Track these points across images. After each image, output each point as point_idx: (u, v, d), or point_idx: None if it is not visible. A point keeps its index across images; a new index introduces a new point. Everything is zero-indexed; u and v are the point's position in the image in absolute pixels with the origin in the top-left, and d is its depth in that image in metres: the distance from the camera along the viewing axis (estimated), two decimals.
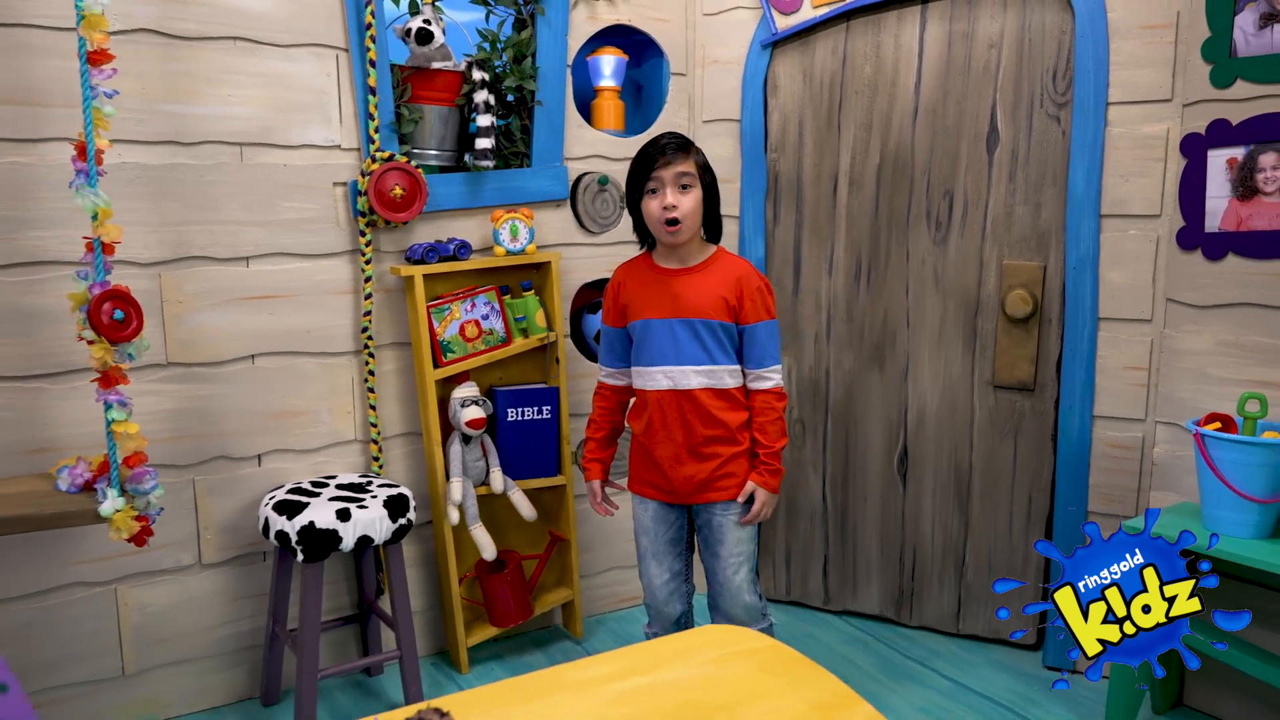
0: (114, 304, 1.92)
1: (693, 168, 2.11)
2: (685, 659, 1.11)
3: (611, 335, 2.29)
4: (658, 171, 2.08)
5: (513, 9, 2.68)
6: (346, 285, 2.51)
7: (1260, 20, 2.17)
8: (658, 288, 2.17)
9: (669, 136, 2.14)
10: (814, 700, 1.02)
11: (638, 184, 2.14)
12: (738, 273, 2.15)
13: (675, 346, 2.13)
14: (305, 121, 2.40)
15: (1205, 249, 2.31)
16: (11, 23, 2.06)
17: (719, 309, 2.13)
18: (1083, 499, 2.57)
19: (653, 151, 2.10)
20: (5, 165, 2.09)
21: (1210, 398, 2.31)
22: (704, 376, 2.14)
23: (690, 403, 2.14)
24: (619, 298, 2.25)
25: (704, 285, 2.14)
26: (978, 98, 2.62)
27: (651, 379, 2.18)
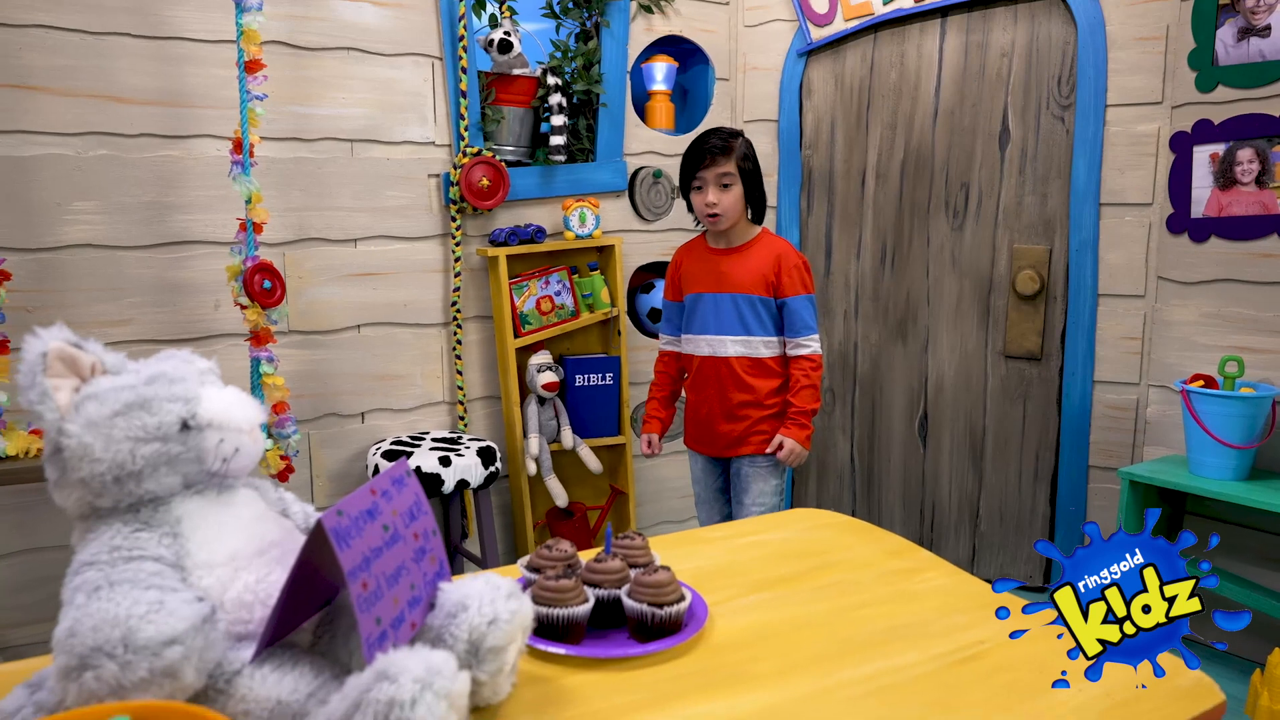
0: (263, 275, 2.27)
1: (733, 167, 2.30)
2: (782, 527, 1.45)
3: (671, 308, 2.52)
4: (702, 172, 2.30)
5: (578, 22, 3.02)
6: (438, 265, 2.86)
7: (1238, 34, 2.51)
8: (707, 265, 2.40)
9: (715, 137, 2.32)
10: (885, 548, 1.36)
11: (686, 179, 2.37)
12: (777, 251, 2.36)
13: (717, 318, 2.36)
14: (405, 121, 2.75)
15: (1191, 233, 2.66)
16: (167, 36, 2.40)
17: (758, 284, 2.33)
18: (1084, 455, 2.92)
19: (698, 154, 2.31)
20: (159, 158, 2.44)
21: (1195, 362, 2.65)
22: (740, 345, 2.35)
23: (726, 368, 2.36)
24: (677, 274, 2.49)
25: (746, 263, 2.35)
26: (991, 101, 2.96)
27: (695, 345, 2.42)
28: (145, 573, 0.75)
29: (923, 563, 1.30)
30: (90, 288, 2.38)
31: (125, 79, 2.37)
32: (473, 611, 0.83)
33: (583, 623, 1.01)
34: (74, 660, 0.69)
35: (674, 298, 2.52)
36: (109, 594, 0.72)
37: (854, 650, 1.04)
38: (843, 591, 1.20)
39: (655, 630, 1.02)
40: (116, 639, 0.69)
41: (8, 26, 2.22)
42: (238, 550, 0.84)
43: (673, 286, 2.51)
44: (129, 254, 2.42)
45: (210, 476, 0.85)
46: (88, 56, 2.32)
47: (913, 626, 1.10)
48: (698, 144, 2.33)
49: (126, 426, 0.79)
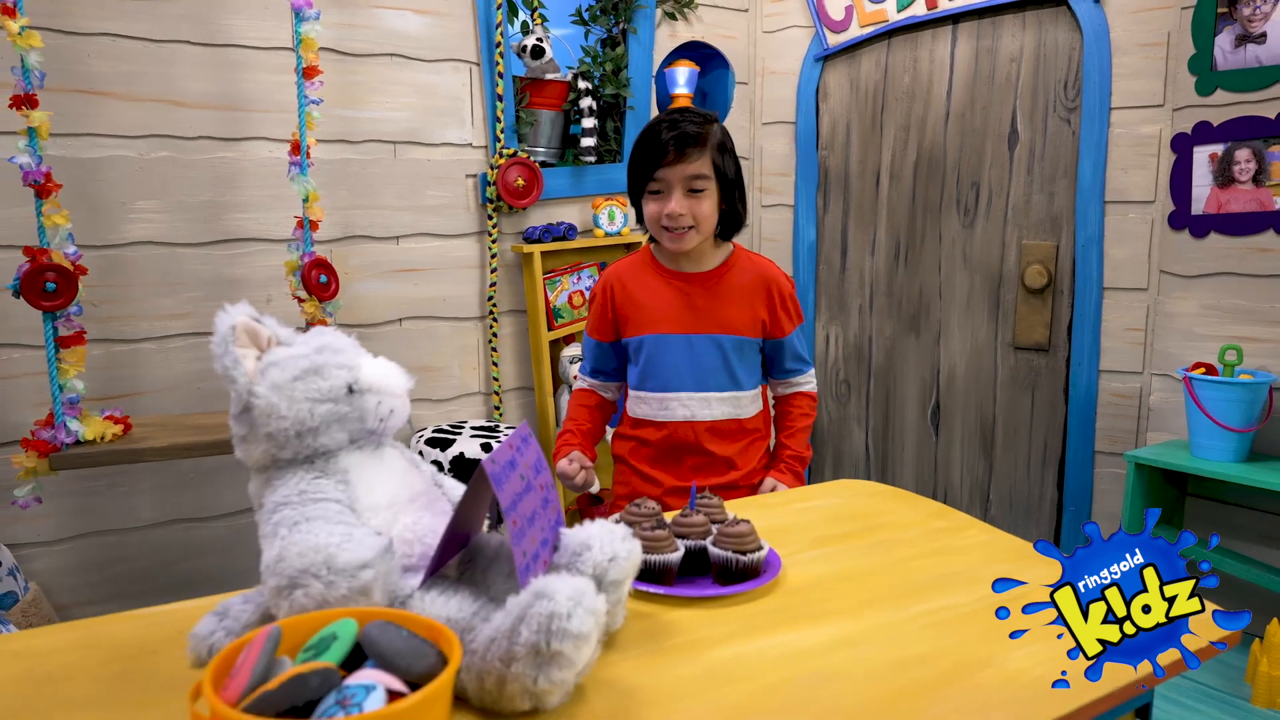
0: (319, 270, 2.40)
1: (707, 165, 1.68)
2: (830, 495, 1.59)
3: (600, 352, 1.87)
4: (662, 172, 1.67)
5: (605, 29, 3.16)
6: (474, 261, 2.99)
7: (1235, 40, 2.66)
8: (669, 294, 1.77)
9: (679, 123, 1.67)
10: (926, 511, 1.50)
11: (638, 179, 1.72)
12: (766, 277, 1.80)
13: (694, 368, 1.76)
14: (444, 124, 2.88)
15: (1192, 229, 2.80)
16: (224, 43, 2.53)
17: (748, 323, 1.77)
18: (1090, 441, 3.06)
19: (657, 146, 1.67)
20: (216, 159, 2.56)
21: (1196, 351, 2.80)
22: (728, 405, 1.78)
23: (712, 440, 1.78)
24: (613, 304, 1.82)
25: (729, 293, 1.77)
26: (1000, 104, 3.11)
27: (665, 408, 1.77)
28: (332, 511, 0.88)
29: (962, 523, 1.44)
30: (152, 282, 2.51)
31: (185, 84, 2.49)
32: (596, 550, 0.96)
33: (674, 568, 1.15)
34: (284, 581, 0.82)
35: (606, 335, 1.85)
36: (307, 527, 0.85)
37: (911, 592, 1.17)
38: (893, 546, 1.34)
39: (738, 574, 1.15)
40: (320, 562, 0.82)
41: (78, 35, 2.35)
42: (394, 497, 0.97)
43: (603, 320, 1.84)
44: (187, 250, 2.55)
45: (369, 434, 0.98)
46: (151, 63, 2.45)
47: (960, 573, 1.24)
48: (654, 132, 1.68)
49: (305, 389, 0.92)
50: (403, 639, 0.70)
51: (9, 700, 0.85)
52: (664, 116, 1.70)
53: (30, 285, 2.08)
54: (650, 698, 0.90)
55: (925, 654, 1.01)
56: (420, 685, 0.69)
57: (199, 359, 2.59)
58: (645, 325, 1.78)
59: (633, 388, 1.84)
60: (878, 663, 0.99)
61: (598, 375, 1.91)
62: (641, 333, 1.79)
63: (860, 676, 0.96)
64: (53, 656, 0.94)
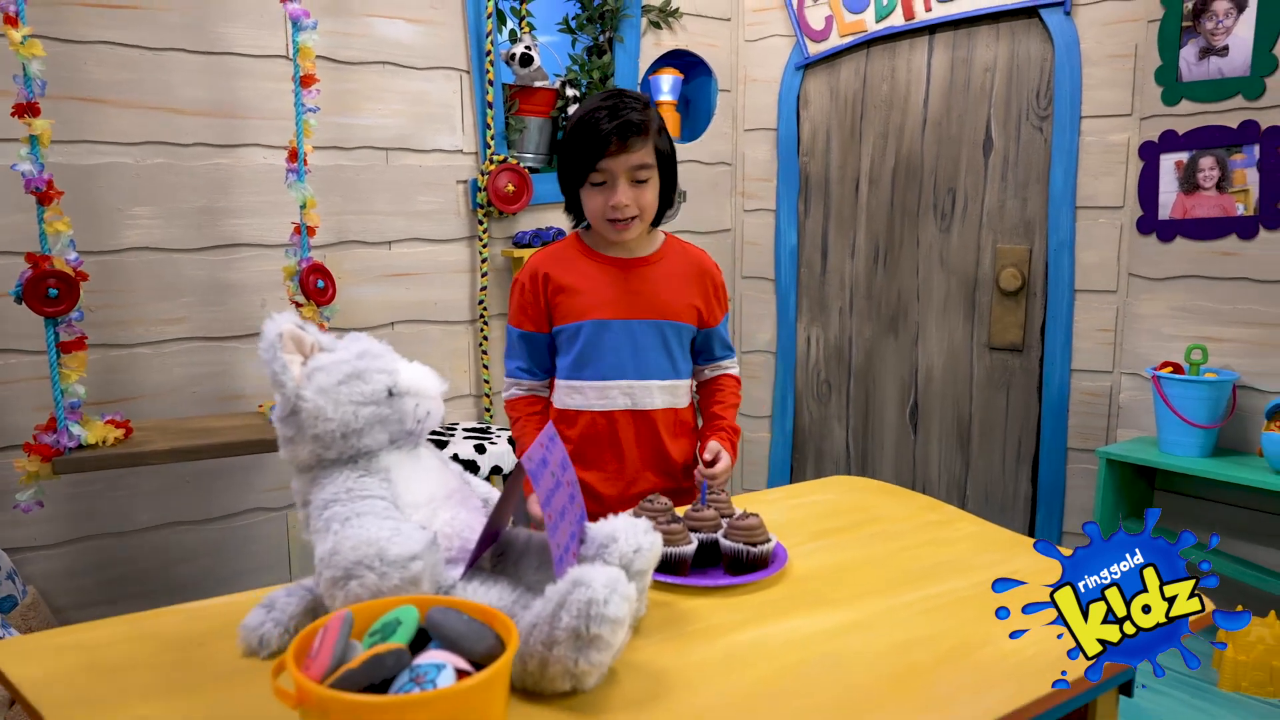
0: (316, 275, 2.44)
1: (650, 154, 1.64)
2: (825, 491, 1.67)
3: (529, 342, 1.77)
4: (606, 163, 1.60)
5: (592, 37, 3.22)
6: (464, 265, 3.04)
7: (1199, 53, 2.78)
8: (606, 280, 1.71)
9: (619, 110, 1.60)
10: (917, 505, 1.58)
11: (577, 170, 1.65)
12: (702, 266, 1.79)
13: (635, 355, 1.71)
14: (436, 130, 2.93)
15: (1159, 233, 2.91)
16: (220, 51, 2.56)
17: (685, 309, 1.75)
18: (1063, 438, 3.17)
19: (598, 137, 1.59)
20: (211, 166, 2.60)
21: (1163, 350, 2.91)
22: (668, 394, 1.75)
23: (650, 428, 1.74)
24: (544, 292, 1.73)
25: (667, 280, 1.74)
26: (975, 112, 3.21)
27: (605, 396, 1.72)
28: (379, 507, 0.94)
29: (952, 515, 1.52)
30: (148, 288, 2.54)
31: (181, 91, 2.52)
32: (622, 542, 1.03)
33: (689, 559, 1.22)
34: (340, 572, 0.88)
35: (538, 326, 1.75)
36: (358, 523, 0.91)
37: (908, 580, 1.25)
38: (888, 538, 1.41)
39: (748, 565, 1.22)
40: (373, 555, 0.88)
41: (75, 43, 2.37)
42: (432, 494, 1.03)
43: (534, 308, 1.75)
44: (183, 256, 2.58)
45: (407, 435, 1.04)
46: (147, 70, 2.47)
47: (953, 562, 1.32)
48: (592, 121, 1.60)
49: (349, 392, 0.98)
50: (464, 622, 0.77)
51: (78, 689, 0.90)
52: (600, 104, 1.62)
53: (33, 291, 2.11)
54: (677, 679, 0.96)
55: (926, 636, 1.08)
56: (482, 665, 0.75)
57: (194, 363, 2.62)
58: (583, 311, 1.70)
59: (563, 378, 1.75)
60: (883, 645, 1.06)
61: (534, 374, 1.79)
62: (578, 319, 1.70)
63: (869, 657, 1.03)
64: (110, 649, 0.99)
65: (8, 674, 0.92)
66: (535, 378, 1.79)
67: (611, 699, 0.92)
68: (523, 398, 1.79)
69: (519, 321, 1.78)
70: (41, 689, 0.89)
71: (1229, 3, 2.69)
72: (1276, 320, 2.67)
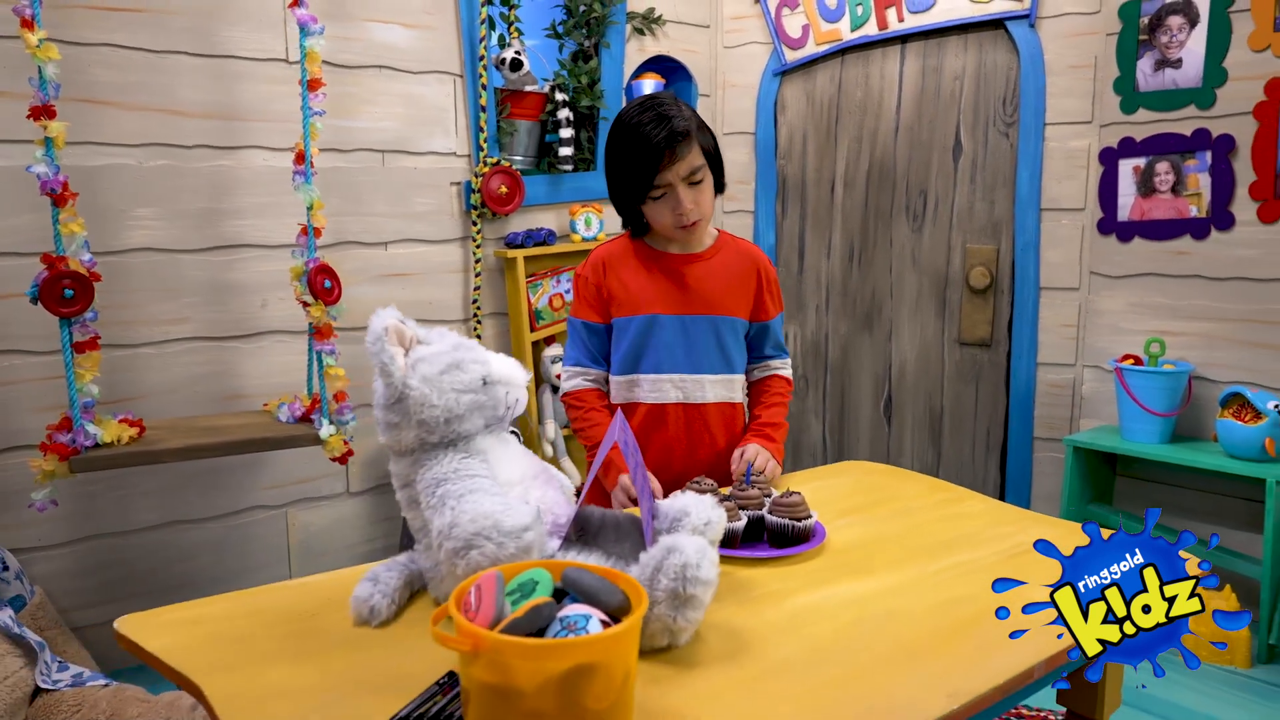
0: (323, 275, 2.49)
1: (699, 154, 1.67)
2: (841, 475, 1.78)
3: (590, 331, 1.81)
4: (664, 176, 1.64)
5: (578, 43, 3.31)
6: (458, 266, 3.10)
7: (1155, 65, 2.97)
8: (661, 276, 1.76)
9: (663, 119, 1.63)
10: (926, 486, 1.70)
11: (637, 188, 1.67)
12: (754, 261, 1.83)
13: (688, 349, 1.75)
14: (430, 133, 2.99)
15: (1118, 234, 3.10)
16: (221, 54, 2.60)
17: (739, 303, 1.78)
18: (1029, 428, 3.35)
19: (652, 151, 1.62)
20: (213, 167, 2.63)
21: (1123, 344, 3.10)
22: (722, 388, 1.79)
23: (702, 422, 1.77)
24: (605, 285, 1.78)
25: (720, 274, 1.77)
26: (945, 118, 3.37)
27: (658, 389, 1.75)
28: (487, 485, 1.02)
29: (961, 495, 1.64)
30: (151, 288, 2.56)
31: (183, 94, 2.55)
32: (694, 515, 1.13)
33: (739, 534, 1.32)
34: (460, 543, 0.96)
35: (598, 317, 1.80)
36: (472, 499, 0.99)
37: (936, 549, 1.37)
38: (909, 514, 1.53)
39: (793, 539, 1.33)
40: (490, 526, 0.96)
41: (79, 45, 2.39)
42: (523, 474, 1.12)
43: (596, 300, 1.80)
44: (185, 257, 2.61)
45: (498, 420, 1.12)
46: (150, 73, 2.50)
47: (970, 535, 1.44)
48: (642, 139, 1.63)
49: (451, 381, 1.06)
50: (597, 580, 0.86)
51: (211, 656, 0.97)
52: (643, 116, 1.64)
53: (49, 292, 2.13)
54: (754, 636, 1.07)
55: (962, 597, 1.20)
56: (616, 616, 0.84)
57: (197, 363, 2.65)
58: (637, 306, 1.75)
59: (618, 372, 1.79)
60: (928, 604, 1.18)
61: (597, 363, 1.82)
62: (633, 313, 1.75)
63: (916, 615, 1.14)
64: (229, 621, 1.06)
65: (142, 644, 0.98)
66: (599, 367, 1.82)
67: (702, 653, 1.01)
68: (589, 390, 1.81)
69: (582, 312, 1.81)
70: (179, 656, 0.96)
71: (1182, 18, 2.88)
72: (1227, 315, 2.87)
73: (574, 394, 1.81)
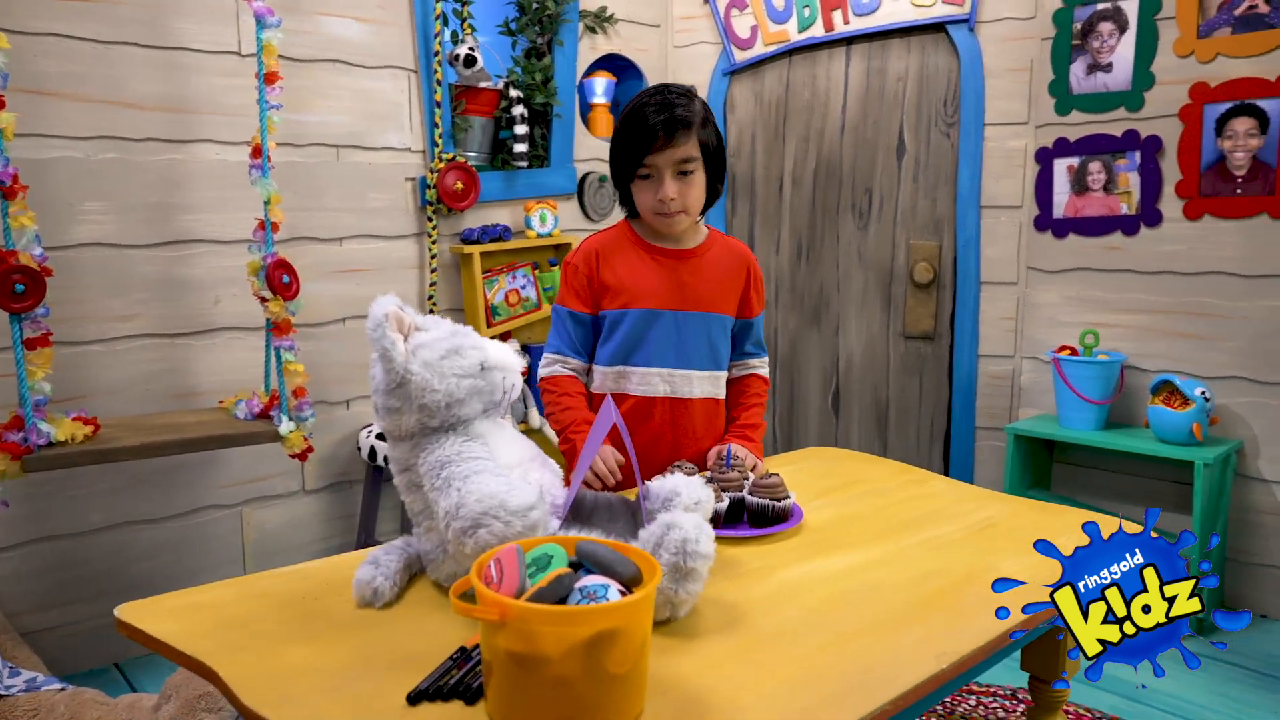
0: (282, 270, 2.47)
1: (695, 147, 1.67)
2: (810, 459, 1.84)
3: (576, 321, 1.79)
4: (653, 158, 1.65)
5: (531, 40, 3.33)
6: (413, 261, 3.10)
7: (1087, 68, 3.11)
8: (657, 270, 1.76)
9: (666, 105, 1.65)
10: (892, 469, 1.78)
11: (626, 165, 1.70)
12: (744, 258, 1.85)
13: (679, 345, 1.76)
14: (385, 129, 2.98)
15: (1053, 230, 3.23)
16: (172, 46, 2.55)
17: (729, 301, 1.80)
18: (971, 417, 3.47)
19: (646, 131, 1.64)
20: (163, 161, 2.58)
21: (1059, 336, 3.23)
22: (709, 384, 1.80)
23: (686, 417, 1.77)
24: (596, 277, 1.78)
25: (713, 272, 1.79)
26: (889, 118, 3.47)
27: (646, 383, 1.75)
28: (490, 466, 1.05)
29: (925, 476, 1.72)
30: (100, 284, 2.51)
31: (133, 86, 2.50)
32: (684, 495, 1.17)
33: (721, 514, 1.36)
34: (468, 522, 0.99)
35: (586, 307, 1.80)
36: (477, 479, 1.02)
37: (906, 526, 1.44)
38: (878, 495, 1.60)
39: (773, 518, 1.38)
40: (496, 505, 0.99)
41: (25, 34, 2.33)
42: (521, 457, 1.14)
43: (586, 290, 1.79)
44: (135, 252, 2.56)
45: (495, 405, 1.15)
46: (98, 64, 2.45)
47: (937, 512, 1.51)
48: (640, 115, 1.66)
49: (451, 366, 1.09)
50: (610, 553, 0.89)
51: (220, 640, 0.98)
52: (649, 98, 1.68)
53: None
54: (747, 608, 1.11)
55: (938, 569, 1.27)
56: (629, 587, 0.88)
57: (148, 361, 2.60)
58: (632, 299, 1.74)
59: (606, 364, 1.78)
60: (906, 576, 1.24)
61: (576, 354, 1.80)
62: (627, 306, 1.74)
63: (898, 585, 1.20)
64: (234, 605, 1.06)
65: (147, 630, 0.98)
66: (579, 358, 1.81)
67: (701, 625, 1.06)
68: (565, 376, 1.80)
69: (569, 301, 1.80)
70: (188, 640, 0.96)
71: (1112, 24, 3.02)
72: (1157, 307, 3.02)
73: (550, 379, 1.81)
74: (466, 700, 0.87)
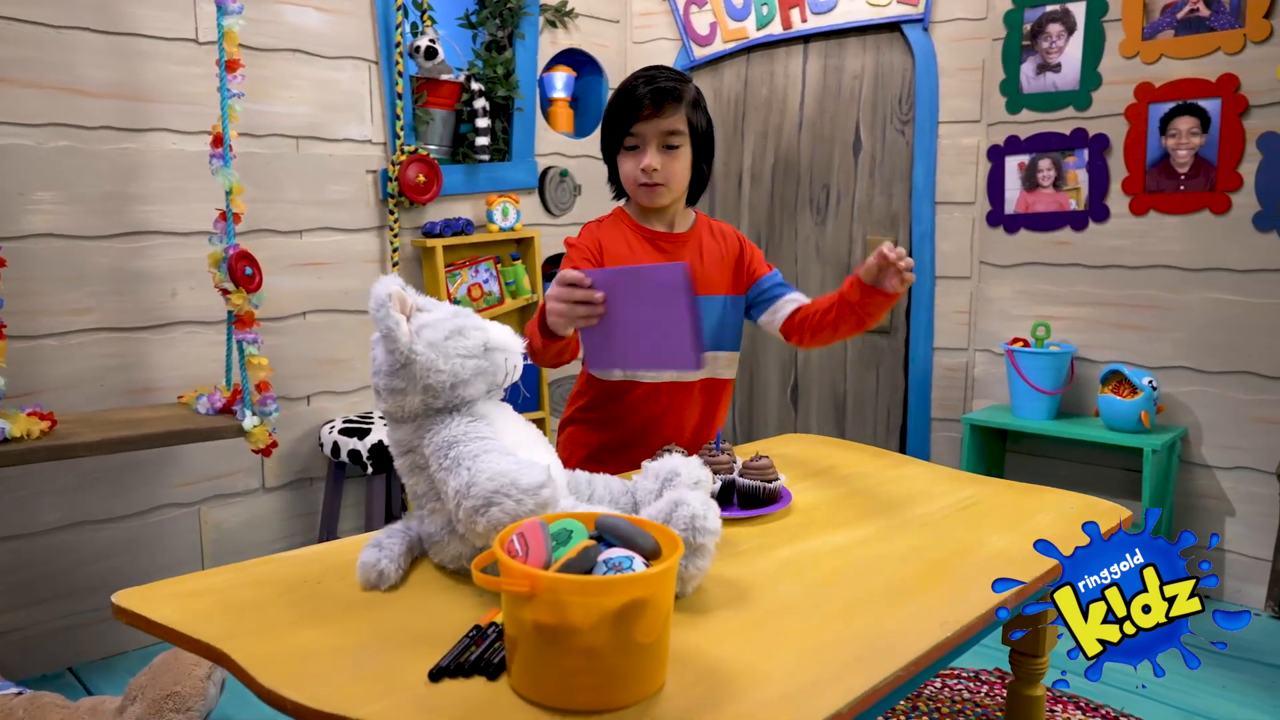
0: (244, 262, 2.42)
1: (683, 122, 1.67)
2: (789, 445, 1.86)
3: None
4: (639, 127, 1.65)
5: (491, 33, 3.31)
6: (375, 255, 3.06)
7: (1037, 68, 3.20)
8: (655, 254, 1.76)
9: (655, 79, 1.66)
10: (869, 453, 1.81)
11: (614, 136, 1.71)
12: (734, 235, 1.85)
13: None
14: (345, 120, 2.93)
15: (1005, 226, 3.32)
16: (125, 31, 2.49)
17: (734, 280, 1.80)
18: (927, 409, 3.55)
19: (633, 101, 1.65)
20: (117, 150, 2.51)
21: (1011, 328, 3.33)
22: (719, 364, 1.80)
23: (687, 400, 1.77)
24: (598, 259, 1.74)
25: (709, 254, 1.79)
26: (846, 115, 3.53)
27: None
28: (497, 445, 1.05)
29: (901, 460, 1.76)
30: (53, 276, 2.43)
31: (85, 72, 2.43)
32: (684, 475, 1.18)
33: (715, 496, 1.38)
34: (480, 501, 0.98)
35: None
36: (486, 459, 1.01)
37: (893, 505, 1.47)
38: (858, 478, 1.63)
39: (763, 500, 1.40)
40: (508, 484, 0.99)
41: None
42: (526, 438, 1.14)
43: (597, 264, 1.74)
44: (89, 243, 2.48)
45: (497, 386, 1.14)
46: (49, 49, 2.37)
47: (918, 493, 1.55)
48: (629, 89, 1.68)
49: (455, 346, 1.08)
50: (630, 526, 0.90)
51: (226, 623, 0.96)
52: (640, 73, 1.69)
53: None
54: (752, 584, 1.13)
55: (928, 544, 1.30)
56: (650, 560, 0.88)
57: (104, 355, 2.52)
58: None
59: None
60: (900, 550, 1.27)
61: None
62: None
63: (894, 559, 1.23)
64: (238, 590, 1.04)
65: (149, 616, 0.96)
66: None
67: (708, 601, 1.07)
68: None
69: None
70: (195, 625, 0.94)
71: (1061, 26, 3.12)
72: (1105, 300, 3.12)
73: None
74: (489, 676, 0.87)
